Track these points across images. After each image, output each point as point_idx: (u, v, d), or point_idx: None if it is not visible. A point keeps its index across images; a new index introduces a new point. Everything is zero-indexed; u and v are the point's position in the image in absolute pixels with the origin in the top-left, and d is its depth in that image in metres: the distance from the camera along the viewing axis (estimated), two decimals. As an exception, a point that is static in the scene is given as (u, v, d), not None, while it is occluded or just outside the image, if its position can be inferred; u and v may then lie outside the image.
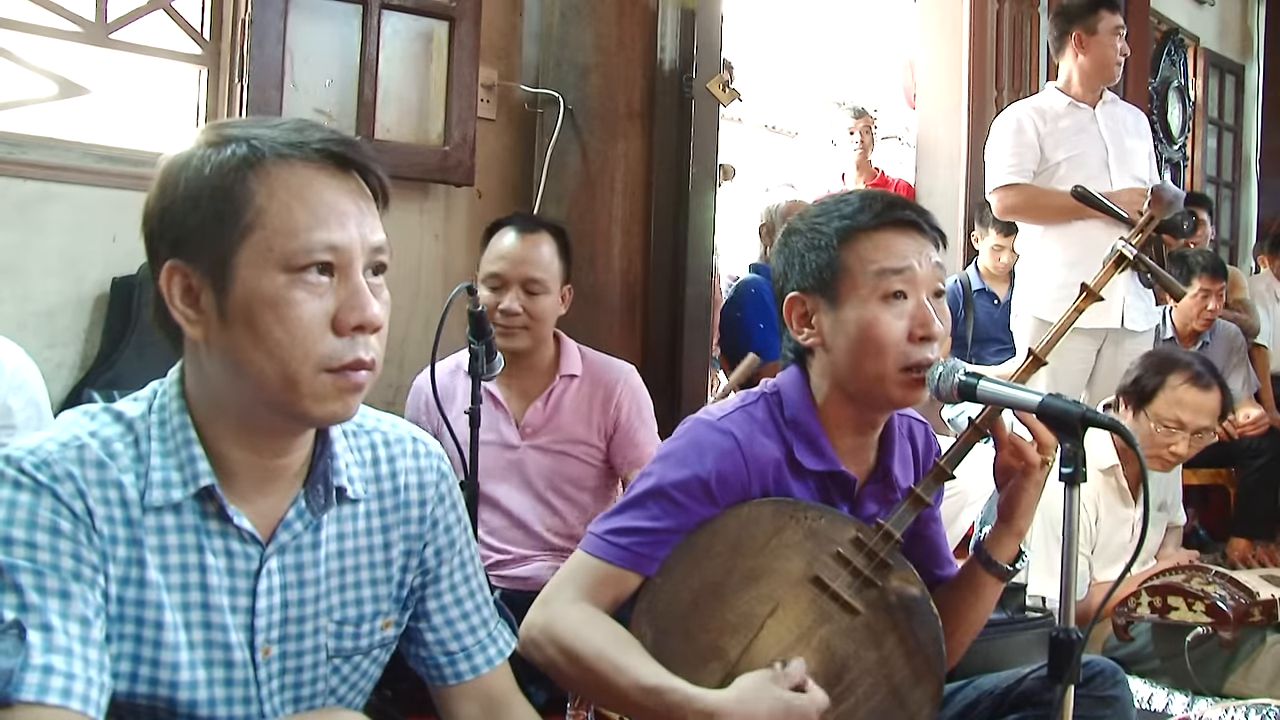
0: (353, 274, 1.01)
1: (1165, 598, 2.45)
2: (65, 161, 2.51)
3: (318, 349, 0.99)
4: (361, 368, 1.01)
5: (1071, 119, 3.34)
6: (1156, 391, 2.58)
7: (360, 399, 1.04)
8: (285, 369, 0.98)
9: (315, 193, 1.00)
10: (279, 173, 0.99)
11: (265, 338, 0.98)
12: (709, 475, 1.38)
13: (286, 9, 2.68)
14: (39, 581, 0.94)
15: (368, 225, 1.03)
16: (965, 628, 1.52)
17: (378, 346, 1.03)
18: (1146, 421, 2.59)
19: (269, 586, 1.07)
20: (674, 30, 3.14)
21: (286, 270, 0.98)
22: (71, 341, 2.52)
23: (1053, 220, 3.26)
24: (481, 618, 1.25)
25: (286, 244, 0.98)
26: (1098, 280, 1.59)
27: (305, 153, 1.00)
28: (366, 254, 1.02)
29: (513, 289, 2.28)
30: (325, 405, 1.01)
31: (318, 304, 0.99)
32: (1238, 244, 6.74)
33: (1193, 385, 2.56)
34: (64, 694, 0.91)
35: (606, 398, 2.35)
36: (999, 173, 3.35)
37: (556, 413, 2.33)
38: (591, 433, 2.34)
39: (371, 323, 1.01)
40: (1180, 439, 2.58)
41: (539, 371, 2.36)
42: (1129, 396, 2.65)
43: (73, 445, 1.00)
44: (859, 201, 1.46)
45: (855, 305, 1.41)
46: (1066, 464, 1.27)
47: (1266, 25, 6.89)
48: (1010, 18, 4.95)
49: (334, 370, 1.00)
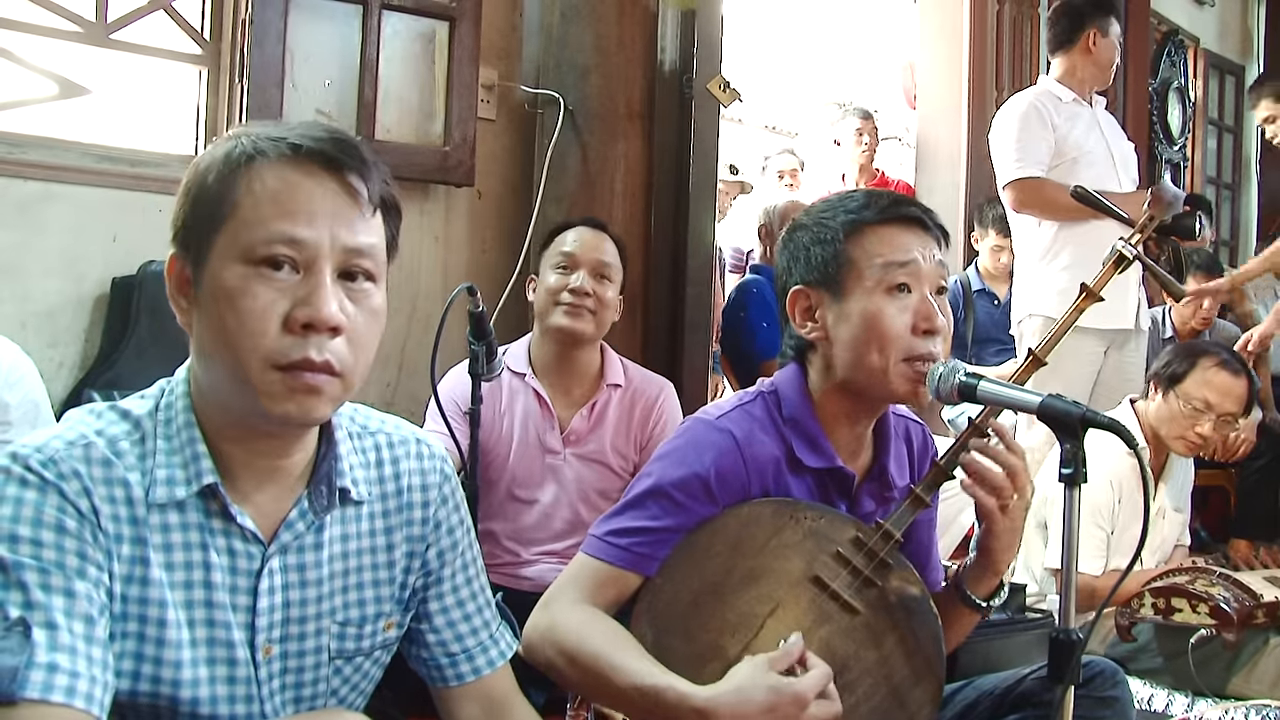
0: (316, 272, 0.99)
1: (1169, 599, 2.46)
2: (65, 161, 2.51)
3: (265, 343, 0.97)
4: (312, 368, 0.98)
5: (1079, 114, 3.28)
6: (1187, 374, 2.68)
7: (323, 404, 1.00)
8: (237, 359, 0.98)
9: (290, 189, 0.99)
10: (263, 170, 0.99)
11: (221, 328, 0.98)
12: (708, 474, 1.39)
13: (286, 9, 2.69)
14: (44, 579, 0.94)
15: (344, 226, 1.00)
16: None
17: (341, 351, 0.99)
18: (1175, 401, 2.67)
19: (270, 586, 1.07)
20: (674, 30, 3.14)
21: (246, 261, 0.98)
22: (72, 341, 2.52)
23: (1067, 217, 3.13)
24: (483, 619, 1.25)
25: (249, 235, 0.98)
26: (1098, 280, 1.59)
27: (292, 152, 1.00)
28: (338, 255, 1.00)
29: (582, 270, 2.30)
30: (279, 405, 0.98)
31: (274, 298, 0.97)
32: (1238, 244, 6.73)
33: (1223, 369, 2.67)
34: (68, 692, 0.91)
35: (647, 411, 2.37)
36: (1010, 166, 3.21)
37: (600, 423, 2.34)
38: (629, 445, 2.35)
39: (324, 322, 0.98)
40: (1206, 421, 2.65)
41: (586, 379, 2.37)
42: (1159, 380, 2.74)
43: (79, 443, 1.00)
44: (865, 197, 1.47)
45: (860, 298, 1.42)
46: (1066, 464, 1.26)
47: (1266, 25, 6.89)
48: (1010, 18, 4.95)
49: (282, 368, 0.98)
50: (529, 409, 2.33)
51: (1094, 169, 3.18)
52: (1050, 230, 3.23)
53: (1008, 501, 1.39)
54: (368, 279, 1.03)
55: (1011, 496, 1.39)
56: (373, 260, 1.03)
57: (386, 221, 1.06)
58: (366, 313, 1.03)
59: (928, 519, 1.58)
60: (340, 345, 1.00)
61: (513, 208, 3.16)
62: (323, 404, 1.01)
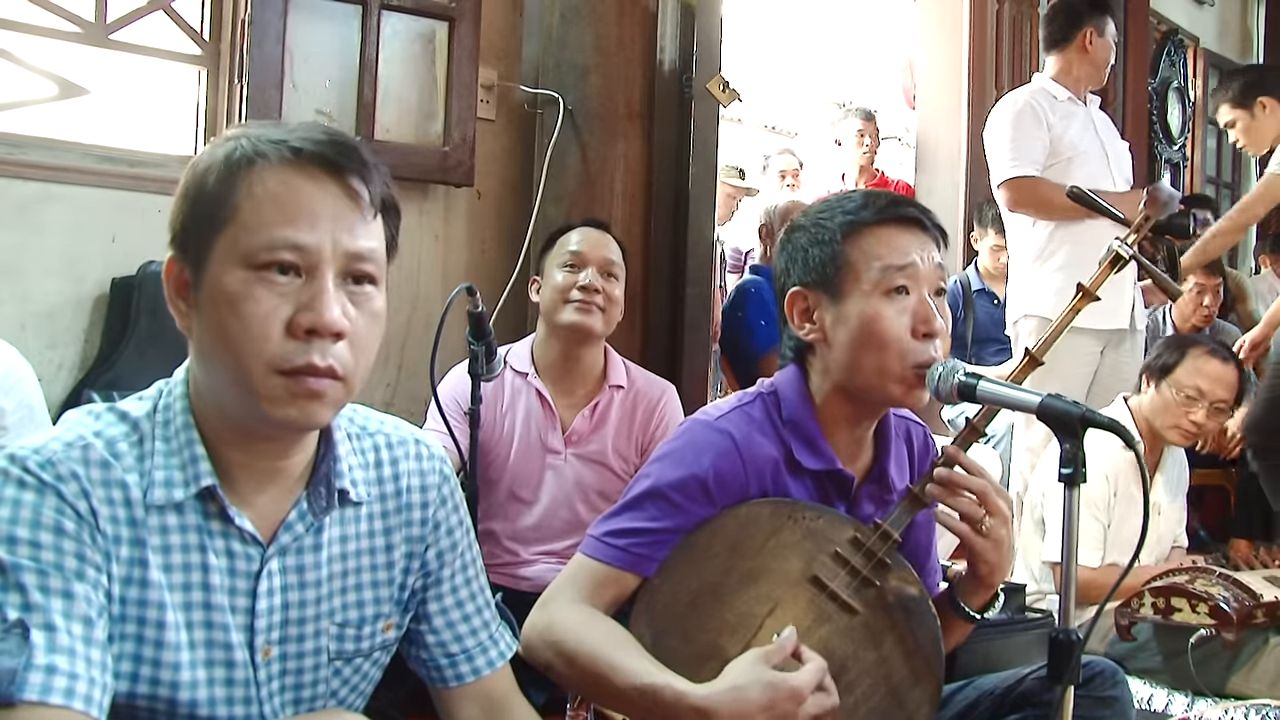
0: (318, 277, 0.99)
1: (1169, 599, 2.46)
2: (65, 162, 2.51)
3: (268, 348, 0.97)
4: (315, 373, 0.98)
5: (1073, 113, 3.27)
6: (1178, 363, 2.71)
7: (325, 408, 1.01)
8: (239, 365, 0.98)
9: (291, 193, 0.99)
10: (262, 172, 0.99)
11: (223, 332, 0.98)
12: (706, 475, 1.38)
13: (286, 9, 2.68)
14: (43, 581, 0.94)
15: (345, 230, 1.00)
16: None
17: (344, 355, 0.99)
18: (1168, 391, 2.70)
19: (269, 588, 1.07)
20: (674, 30, 3.14)
21: (248, 266, 0.97)
22: (71, 342, 2.52)
23: (1062, 217, 3.11)
24: (483, 620, 1.25)
25: (251, 240, 0.97)
26: (1094, 280, 1.59)
27: (293, 155, 1.00)
28: (340, 259, 1.00)
29: (591, 268, 2.31)
30: (280, 409, 0.98)
31: (276, 303, 0.97)
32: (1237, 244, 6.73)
33: (1212, 356, 2.71)
34: (67, 694, 0.91)
35: (649, 414, 2.36)
36: (1004, 165, 3.19)
37: (602, 424, 2.34)
38: (630, 447, 2.35)
39: (327, 327, 0.98)
40: (1199, 408, 2.68)
41: (590, 379, 2.37)
42: (1151, 372, 2.76)
43: (77, 445, 1.00)
44: (863, 198, 1.47)
45: (858, 300, 1.41)
46: (1066, 464, 1.26)
47: (1266, 25, 6.89)
48: (1010, 18, 4.95)
49: (285, 373, 0.97)
50: (531, 409, 2.33)
51: (1087, 168, 3.17)
52: (1045, 230, 3.21)
53: (980, 525, 1.38)
54: (369, 282, 1.03)
55: (984, 519, 1.38)
56: (374, 264, 1.03)
57: (386, 223, 1.06)
58: (368, 315, 1.03)
59: (926, 521, 1.58)
60: (342, 349, 1.00)
61: (512, 208, 3.16)
62: (325, 408, 1.01)
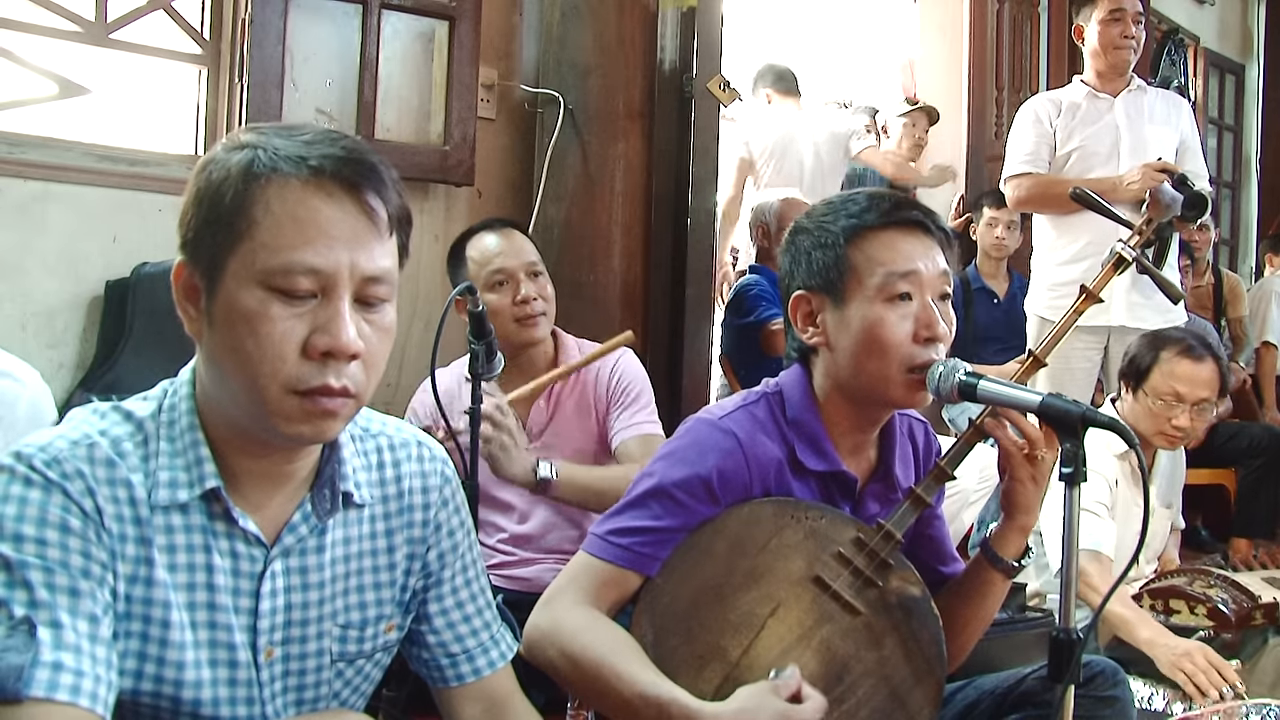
0: (334, 299, 0.98)
1: (1167, 600, 2.46)
2: (65, 161, 2.51)
3: (285, 369, 0.97)
4: (330, 394, 0.98)
5: (1088, 109, 3.33)
6: (1151, 368, 2.60)
7: (337, 424, 1.01)
8: (254, 383, 0.97)
9: (309, 212, 0.98)
10: (278, 186, 0.98)
11: (238, 349, 0.97)
12: (710, 474, 1.38)
13: (286, 9, 2.69)
14: (49, 579, 0.94)
15: (362, 252, 0.99)
16: (973, 624, 1.52)
17: (357, 374, 1.00)
18: (1145, 399, 2.60)
19: (273, 589, 1.07)
20: (674, 30, 3.14)
21: (265, 286, 0.97)
22: (71, 342, 2.52)
23: (1063, 211, 3.21)
24: (484, 620, 1.25)
25: (269, 260, 0.97)
26: (1097, 282, 1.59)
27: (312, 173, 0.98)
28: (356, 282, 0.99)
29: (519, 278, 2.25)
30: (293, 426, 0.99)
31: (293, 324, 0.97)
32: (1238, 244, 6.74)
33: (1185, 357, 2.58)
34: (73, 691, 0.91)
35: (598, 376, 2.29)
36: (1012, 163, 3.37)
37: (559, 409, 2.30)
38: (590, 420, 2.28)
39: (344, 350, 0.98)
40: (1180, 412, 2.59)
41: (540, 369, 2.29)
42: (1127, 378, 2.68)
43: (83, 443, 1.00)
44: (866, 201, 1.46)
45: (860, 305, 1.41)
46: (1066, 464, 1.27)
47: (1266, 25, 6.90)
48: (1010, 18, 4.95)
49: (300, 393, 0.98)
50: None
51: (1089, 160, 3.26)
52: (1049, 229, 3.31)
53: (1038, 449, 1.40)
54: (381, 304, 1.03)
55: (1041, 447, 1.40)
56: (388, 284, 1.03)
57: (400, 235, 1.06)
58: (380, 331, 1.03)
59: (935, 514, 1.58)
60: (356, 369, 1.00)
61: (513, 207, 3.16)
62: (337, 424, 1.02)
